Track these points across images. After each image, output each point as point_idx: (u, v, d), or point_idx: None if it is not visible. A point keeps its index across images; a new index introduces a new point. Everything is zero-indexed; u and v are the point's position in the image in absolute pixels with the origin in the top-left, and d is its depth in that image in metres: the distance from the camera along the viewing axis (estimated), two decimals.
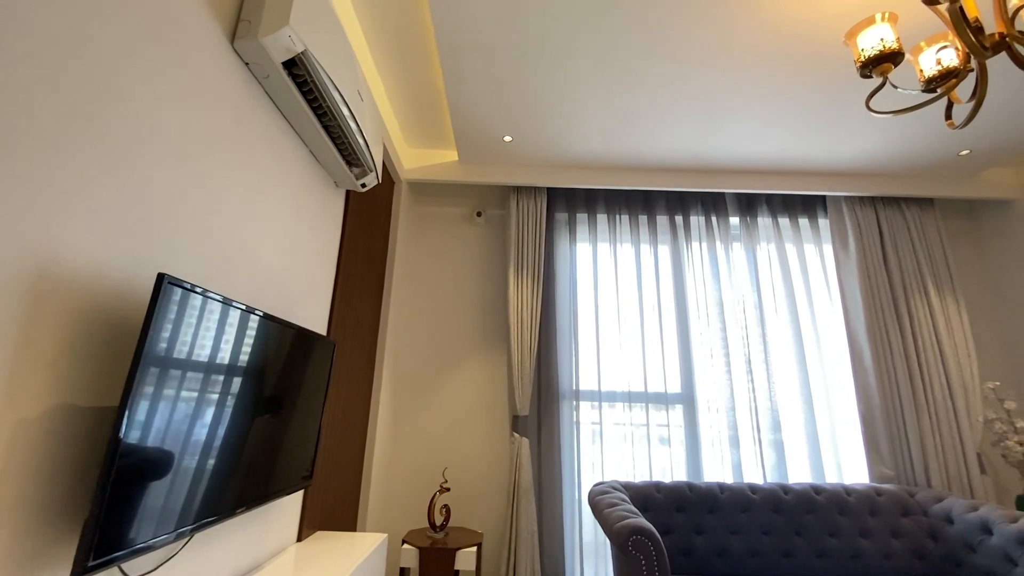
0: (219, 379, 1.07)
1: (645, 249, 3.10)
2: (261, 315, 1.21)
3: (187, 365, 0.96)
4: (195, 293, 0.96)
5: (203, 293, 0.98)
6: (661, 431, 2.84)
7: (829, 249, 3.09)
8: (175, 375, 0.93)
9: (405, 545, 2.33)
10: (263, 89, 1.40)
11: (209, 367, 1.03)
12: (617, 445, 2.81)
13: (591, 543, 2.70)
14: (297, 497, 1.76)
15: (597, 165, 2.99)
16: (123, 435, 0.80)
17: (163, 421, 0.91)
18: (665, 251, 3.13)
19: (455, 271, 3.22)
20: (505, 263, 3.22)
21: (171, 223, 1.06)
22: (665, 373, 2.89)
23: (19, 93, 0.73)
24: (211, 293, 1.01)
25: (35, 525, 0.78)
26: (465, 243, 3.27)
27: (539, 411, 2.83)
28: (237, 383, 1.13)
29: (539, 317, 2.87)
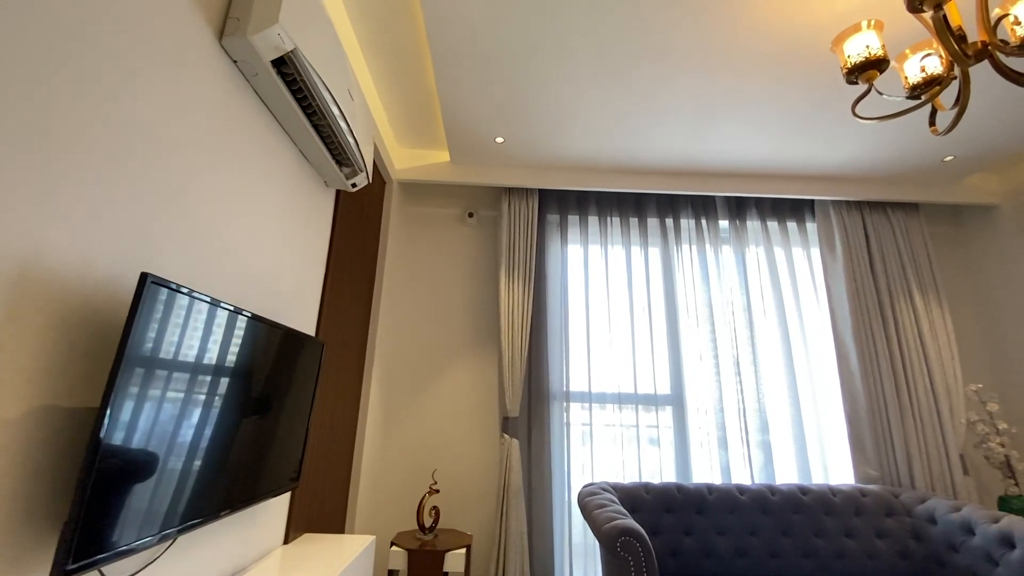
0: (204, 380, 1.06)
1: (636, 251, 3.11)
2: (248, 316, 1.20)
3: (171, 366, 0.95)
4: (180, 293, 0.95)
5: (189, 293, 0.97)
6: (651, 432, 2.85)
7: (817, 253, 3.13)
8: (159, 376, 0.91)
9: (394, 547, 2.32)
10: (252, 87, 1.38)
11: (193, 368, 1.02)
12: (607, 446, 2.82)
13: (580, 544, 2.70)
14: (284, 499, 1.75)
15: (589, 167, 3.00)
16: (104, 436, 0.79)
17: (147, 422, 0.89)
18: (655, 253, 3.15)
19: (446, 272, 3.21)
20: (496, 264, 3.22)
21: (157, 222, 1.05)
22: (655, 374, 2.91)
23: (1, 90, 0.72)
24: (195, 293, 1.00)
25: (16, 527, 0.77)
26: (456, 244, 3.27)
27: (529, 412, 2.83)
28: (222, 384, 1.12)
29: (530, 318, 2.87)
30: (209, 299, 1.04)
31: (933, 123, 1.53)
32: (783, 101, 2.29)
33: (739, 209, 3.17)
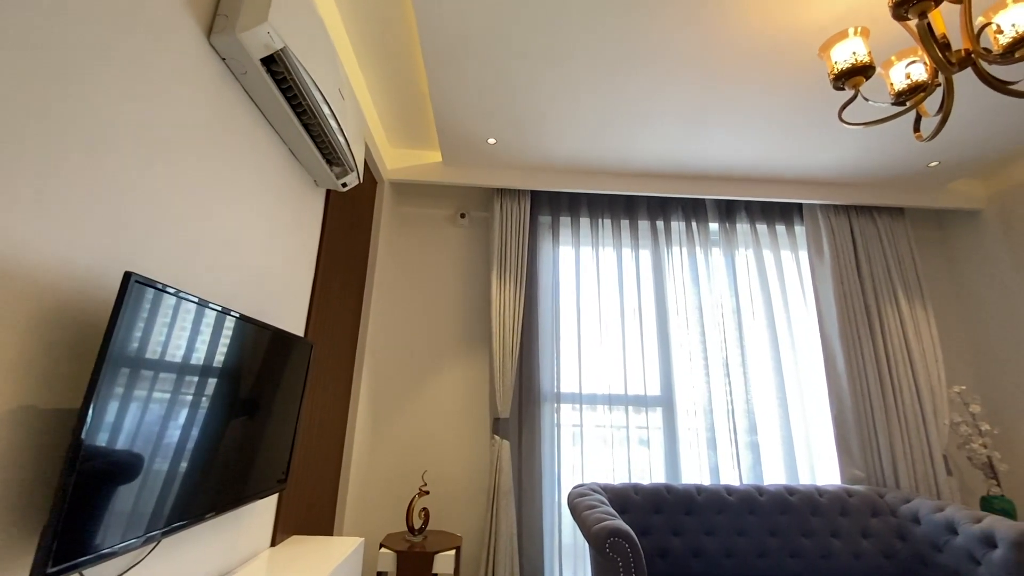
0: (190, 381, 1.04)
1: (627, 253, 3.13)
2: (236, 316, 1.19)
3: (156, 366, 0.94)
4: (166, 293, 0.94)
5: (176, 293, 0.96)
6: (640, 433, 2.86)
7: (805, 256, 3.17)
8: (144, 376, 0.90)
9: (382, 549, 2.31)
10: (240, 85, 1.37)
11: (179, 368, 1.01)
12: (597, 447, 2.83)
13: (570, 545, 2.71)
14: (271, 501, 1.73)
15: (581, 169, 3.01)
16: (86, 437, 0.78)
17: (131, 423, 0.88)
18: (646, 255, 3.16)
19: (438, 272, 3.20)
20: (488, 265, 3.22)
21: (142, 221, 1.04)
22: (645, 376, 2.92)
23: None
24: (181, 292, 0.99)
25: None
26: (448, 245, 3.26)
27: (520, 413, 2.83)
28: (209, 385, 1.11)
29: (521, 319, 2.88)
30: (196, 299, 1.03)
31: (918, 129, 1.56)
32: (772, 106, 2.32)
33: (729, 212, 3.20)
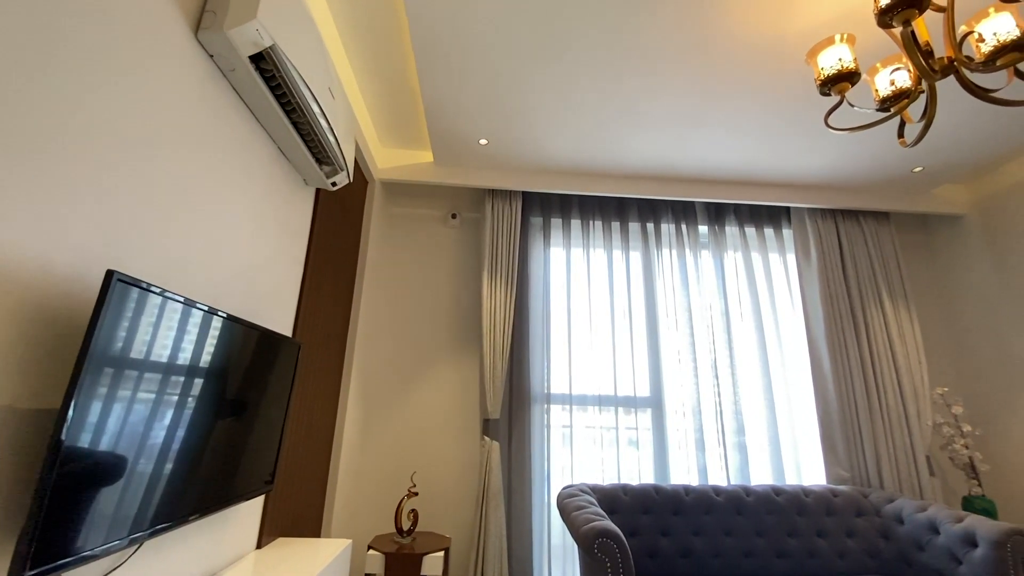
0: (175, 381, 1.03)
1: (617, 255, 3.14)
2: (223, 316, 1.18)
3: (140, 366, 0.92)
4: (151, 292, 0.93)
5: (161, 293, 0.95)
6: (630, 434, 2.88)
7: (792, 259, 3.20)
8: (127, 376, 0.89)
9: (371, 551, 2.29)
10: (228, 83, 1.36)
11: (163, 368, 0.99)
12: (587, 448, 2.84)
13: (559, 546, 2.71)
14: (258, 502, 1.71)
15: (572, 171, 3.02)
16: (66, 439, 0.77)
17: (114, 424, 0.87)
18: (637, 257, 3.18)
19: (428, 273, 3.20)
20: (479, 266, 3.21)
21: (126, 218, 1.02)
22: (635, 377, 2.93)
23: None
24: (167, 292, 0.97)
25: None
26: (439, 245, 3.25)
27: (510, 414, 2.83)
28: (193, 385, 1.10)
29: (512, 320, 2.88)
30: (182, 299, 1.02)
31: (902, 135, 1.59)
32: (761, 110, 2.34)
33: (718, 215, 3.23)
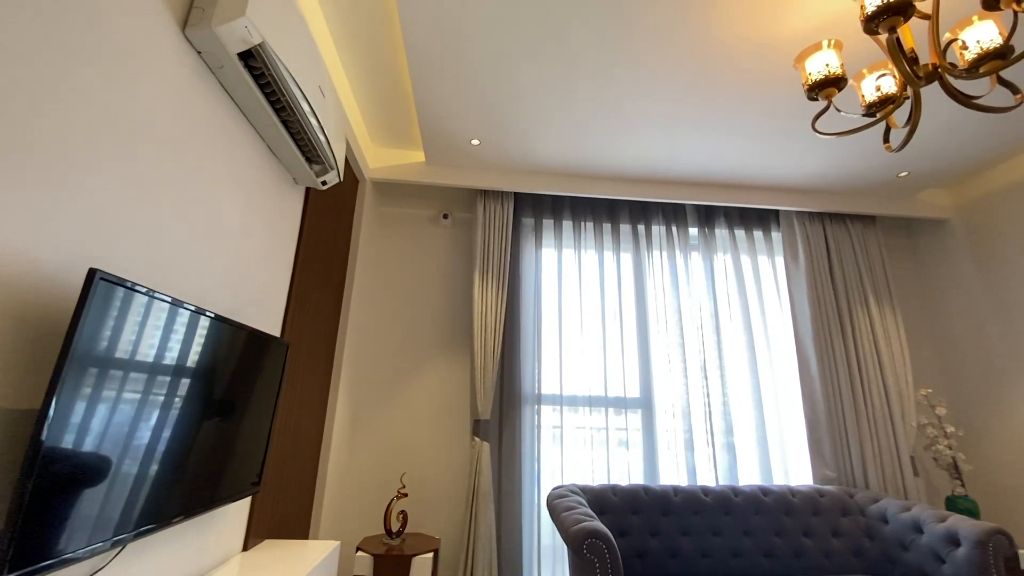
0: (160, 381, 1.02)
1: (608, 256, 3.15)
2: (211, 316, 1.16)
3: (124, 366, 0.91)
4: (135, 291, 0.91)
5: (147, 292, 0.94)
6: (620, 435, 2.89)
7: (781, 261, 3.24)
8: (111, 376, 0.88)
9: (359, 552, 2.28)
10: (217, 80, 1.35)
11: (148, 368, 0.98)
12: (577, 448, 2.84)
13: (549, 546, 2.71)
14: (244, 504, 1.70)
15: (564, 172, 3.03)
16: (46, 439, 0.75)
17: (97, 424, 0.86)
18: (627, 259, 3.19)
19: (419, 273, 3.19)
20: (470, 266, 3.21)
21: (112, 216, 1.01)
22: (625, 378, 2.94)
23: None
24: (154, 292, 0.96)
25: None
26: (430, 245, 3.24)
27: (500, 415, 2.82)
28: (179, 386, 1.08)
29: (503, 321, 2.87)
30: (169, 299, 1.01)
31: (887, 140, 1.61)
32: (750, 114, 2.36)
33: (708, 217, 3.25)
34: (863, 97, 1.56)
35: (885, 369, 2.93)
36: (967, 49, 1.33)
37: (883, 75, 1.52)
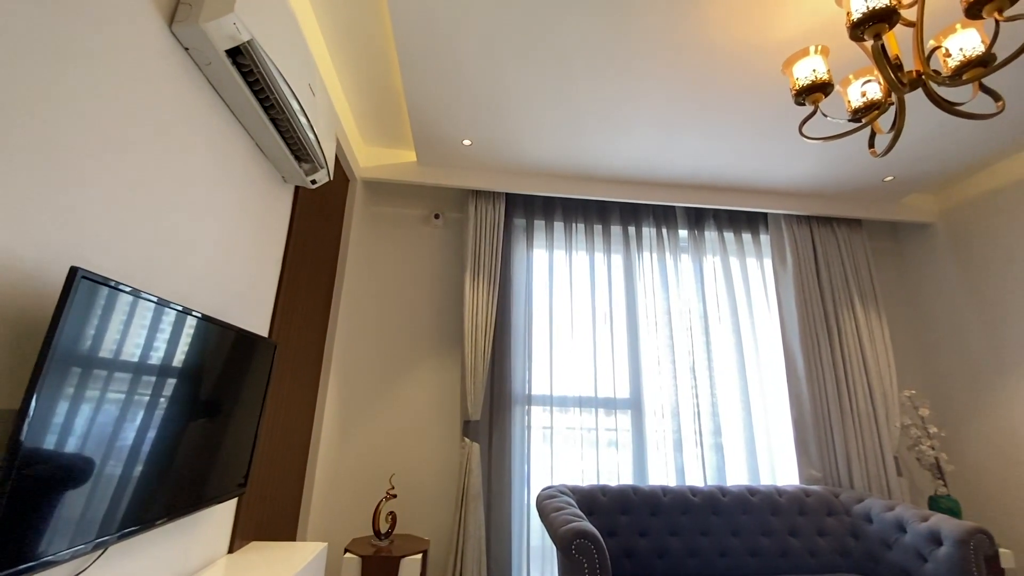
0: (145, 381, 1.00)
1: (599, 258, 3.16)
2: (198, 316, 1.15)
3: (108, 366, 0.90)
4: (119, 290, 0.90)
5: (133, 292, 0.92)
6: (610, 435, 2.90)
7: (769, 263, 3.27)
8: (94, 376, 0.86)
9: (347, 554, 2.26)
10: (204, 76, 1.33)
11: (132, 368, 0.97)
12: (567, 449, 2.85)
13: (538, 547, 2.71)
14: (230, 506, 1.68)
15: (555, 174, 3.04)
16: (25, 440, 0.74)
17: (79, 425, 0.84)
18: (618, 260, 3.21)
19: (410, 273, 3.17)
20: (461, 267, 3.20)
21: (97, 214, 0.99)
22: (615, 378, 2.96)
23: None
24: (141, 293, 0.95)
25: None
26: (421, 245, 3.23)
27: (491, 416, 2.82)
28: (164, 386, 1.07)
29: (494, 322, 2.87)
30: (155, 299, 0.99)
31: (872, 145, 1.63)
32: (739, 118, 2.39)
33: (698, 220, 3.28)
34: (849, 102, 1.58)
35: (870, 371, 2.97)
36: (950, 56, 1.36)
37: (868, 81, 1.55)
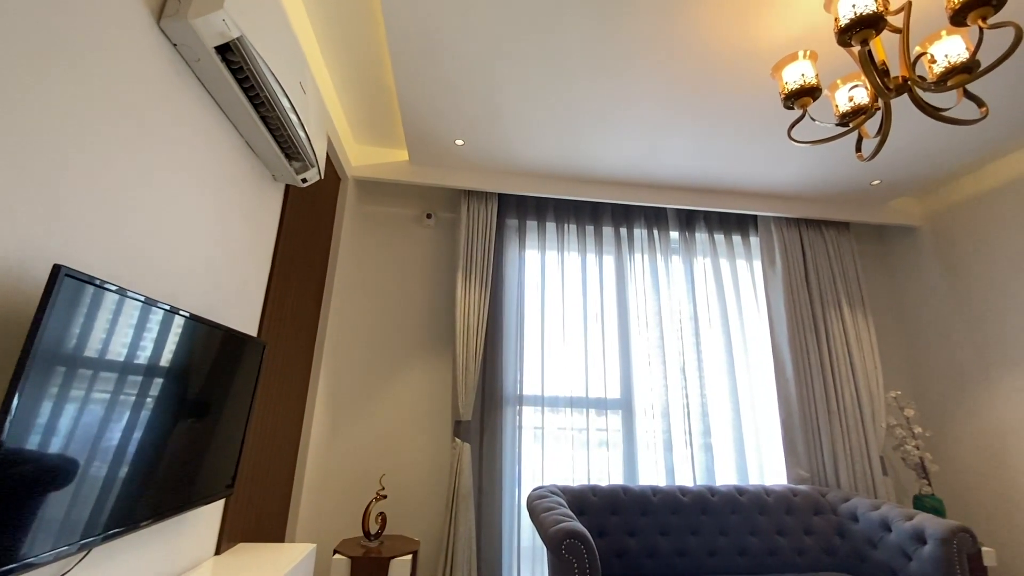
0: (131, 381, 0.99)
1: (591, 258, 3.18)
2: (186, 315, 1.14)
3: (91, 365, 0.88)
4: (104, 289, 0.89)
5: (118, 291, 0.91)
6: (600, 435, 2.91)
7: (758, 265, 3.30)
8: (74, 376, 0.85)
9: (336, 555, 2.25)
10: (193, 73, 1.32)
11: (115, 367, 0.95)
12: (558, 449, 2.85)
13: (529, 547, 2.72)
14: (218, 507, 1.66)
15: (547, 174, 3.04)
16: (6, 439, 0.73)
17: (63, 425, 0.83)
18: (610, 261, 3.22)
19: (402, 273, 3.16)
20: (453, 267, 3.20)
21: (80, 211, 0.98)
22: (606, 379, 2.97)
23: None
24: (126, 292, 0.94)
25: None
26: (413, 245, 3.22)
27: (482, 416, 2.82)
28: (150, 386, 1.06)
29: (486, 322, 2.87)
30: (142, 298, 0.98)
31: (859, 149, 1.66)
32: (730, 122, 2.41)
33: (689, 221, 3.30)
34: (837, 107, 1.60)
35: (857, 372, 3.01)
36: (935, 63, 1.38)
37: (856, 86, 1.57)
